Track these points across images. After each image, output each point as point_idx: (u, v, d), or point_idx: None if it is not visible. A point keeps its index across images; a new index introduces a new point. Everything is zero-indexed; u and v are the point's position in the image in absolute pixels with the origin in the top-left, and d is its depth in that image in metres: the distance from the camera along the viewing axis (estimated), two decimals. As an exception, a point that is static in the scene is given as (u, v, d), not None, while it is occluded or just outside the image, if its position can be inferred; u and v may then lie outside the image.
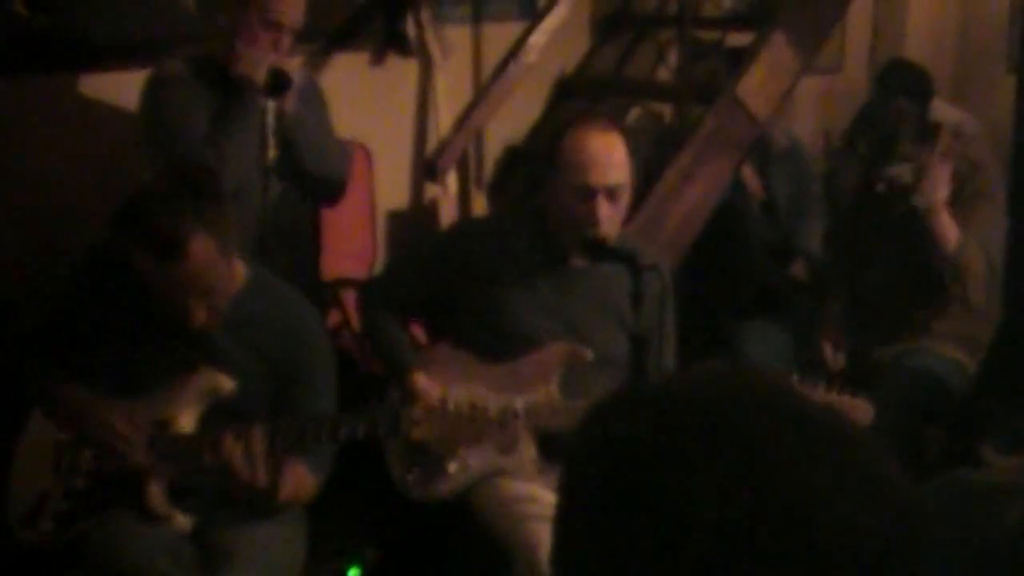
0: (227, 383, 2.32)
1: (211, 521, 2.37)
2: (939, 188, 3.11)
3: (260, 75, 2.82)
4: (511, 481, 2.54)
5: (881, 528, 0.81)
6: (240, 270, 2.36)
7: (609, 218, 2.53)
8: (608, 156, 2.52)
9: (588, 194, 2.51)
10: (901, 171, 3.22)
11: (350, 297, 3.66)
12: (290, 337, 2.38)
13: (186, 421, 2.34)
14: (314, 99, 3.06)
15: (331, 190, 3.13)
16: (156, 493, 2.32)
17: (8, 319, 2.65)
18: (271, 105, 2.84)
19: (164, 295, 2.22)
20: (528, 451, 2.56)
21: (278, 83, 2.82)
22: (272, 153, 2.84)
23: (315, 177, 3.01)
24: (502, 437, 2.42)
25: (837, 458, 0.83)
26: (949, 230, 3.13)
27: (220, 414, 2.32)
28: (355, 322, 3.44)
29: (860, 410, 2.55)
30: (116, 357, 2.36)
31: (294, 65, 2.92)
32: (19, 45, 3.23)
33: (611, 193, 2.52)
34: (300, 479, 2.37)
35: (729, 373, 0.92)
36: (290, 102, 2.87)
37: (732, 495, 0.80)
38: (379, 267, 4.03)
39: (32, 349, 2.42)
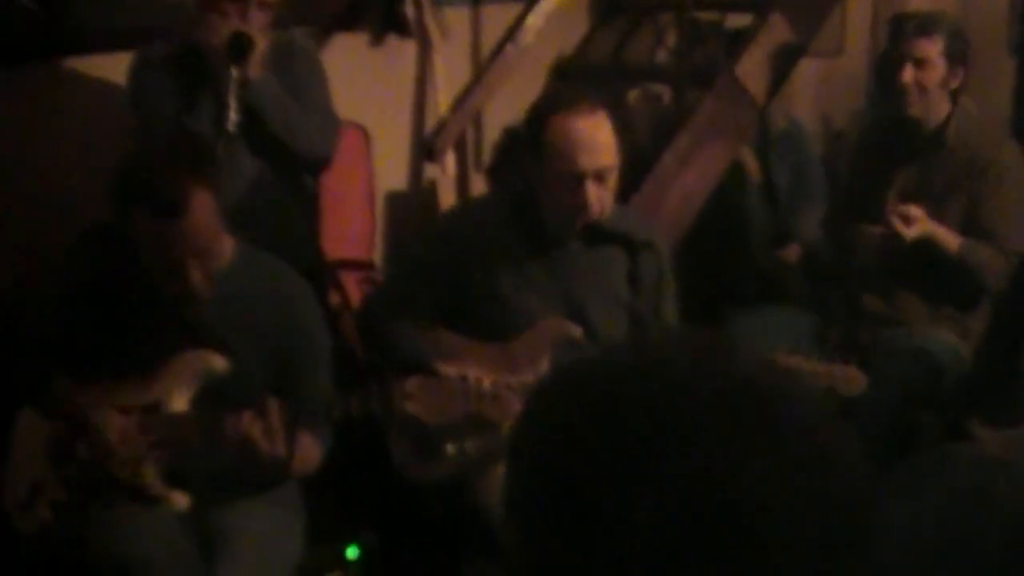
0: (219, 362, 2.33)
1: (208, 507, 2.37)
2: (909, 226, 3.06)
3: (218, 39, 2.73)
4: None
5: (827, 519, 0.82)
6: (228, 243, 2.34)
7: (599, 199, 2.49)
8: (594, 139, 2.46)
9: (576, 179, 2.47)
10: None
11: (350, 279, 3.67)
12: (282, 313, 2.38)
13: (178, 402, 2.34)
14: (308, 68, 2.99)
15: (304, 164, 2.99)
16: (151, 474, 2.32)
17: (4, 310, 2.64)
18: (235, 71, 2.71)
19: (162, 259, 2.22)
20: None
21: (238, 46, 2.71)
22: (232, 119, 2.67)
23: (284, 147, 2.87)
24: (495, 410, 2.40)
25: (781, 447, 0.82)
26: (948, 241, 3.10)
27: (212, 395, 2.32)
28: (354, 304, 3.45)
29: (853, 379, 2.56)
30: (108, 341, 2.35)
31: (260, 31, 2.79)
32: (25, 36, 3.21)
33: (599, 176, 2.48)
34: (307, 449, 2.37)
35: (682, 349, 0.90)
36: (255, 67, 2.77)
37: (670, 496, 0.80)
38: (378, 247, 4.04)
39: (29, 350, 2.41)
